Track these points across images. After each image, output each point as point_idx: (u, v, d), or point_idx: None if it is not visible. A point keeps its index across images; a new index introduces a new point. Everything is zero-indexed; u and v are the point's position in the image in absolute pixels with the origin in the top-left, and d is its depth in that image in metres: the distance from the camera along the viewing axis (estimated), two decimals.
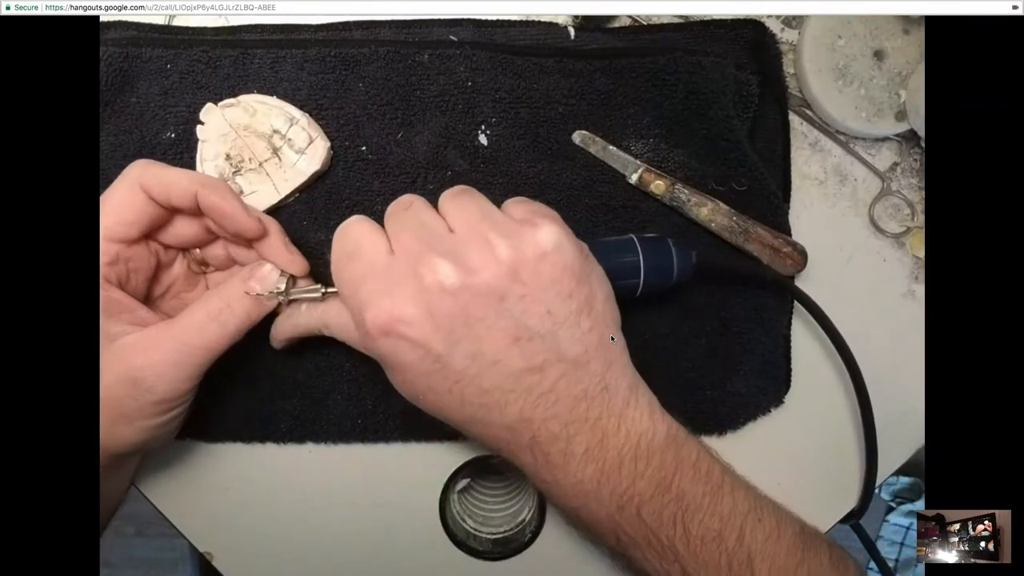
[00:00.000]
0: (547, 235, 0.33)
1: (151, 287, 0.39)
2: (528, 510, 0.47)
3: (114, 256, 0.35)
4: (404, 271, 0.32)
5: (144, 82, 0.42)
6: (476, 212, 0.34)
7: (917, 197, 0.47)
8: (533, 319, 0.32)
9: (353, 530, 0.45)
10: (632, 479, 0.33)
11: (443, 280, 0.32)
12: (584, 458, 0.33)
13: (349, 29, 0.44)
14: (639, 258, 0.39)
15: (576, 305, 0.33)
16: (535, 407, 0.33)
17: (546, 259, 0.33)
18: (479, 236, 0.33)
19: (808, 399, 0.46)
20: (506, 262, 0.32)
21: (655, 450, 0.34)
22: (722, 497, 0.35)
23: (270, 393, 0.43)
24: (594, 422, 0.33)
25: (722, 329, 0.45)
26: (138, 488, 0.44)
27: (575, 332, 0.33)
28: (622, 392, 0.34)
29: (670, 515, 0.34)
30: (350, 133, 0.43)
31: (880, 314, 0.46)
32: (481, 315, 0.32)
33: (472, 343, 0.32)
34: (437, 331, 0.32)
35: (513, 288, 0.32)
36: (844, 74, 0.45)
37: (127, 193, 0.35)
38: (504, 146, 0.43)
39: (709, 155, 0.44)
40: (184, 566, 1.26)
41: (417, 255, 0.32)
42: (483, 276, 0.32)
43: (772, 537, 0.35)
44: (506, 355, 0.32)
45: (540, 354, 0.33)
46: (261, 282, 0.37)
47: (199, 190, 0.35)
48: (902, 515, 1.30)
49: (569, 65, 0.43)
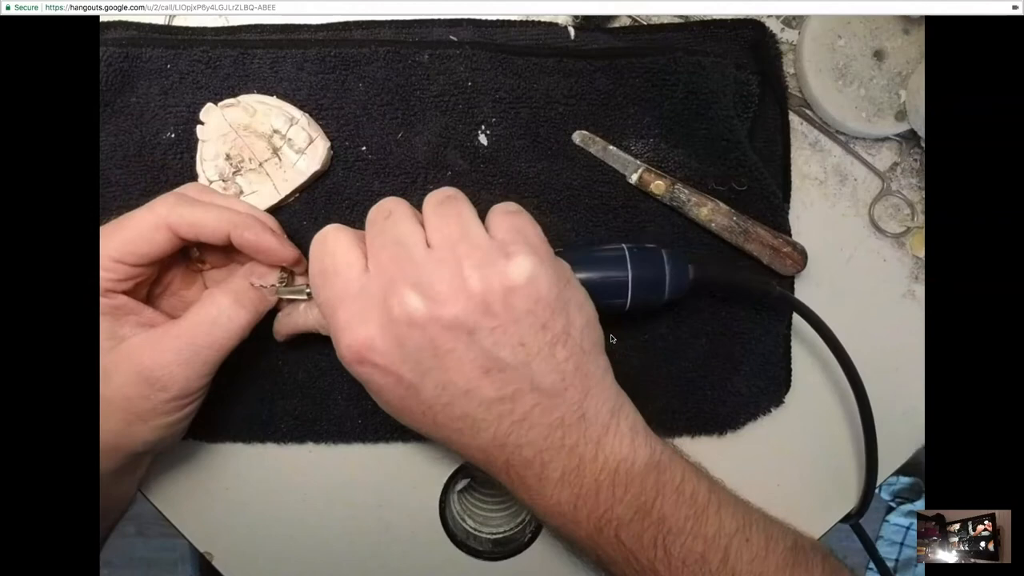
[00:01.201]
0: (520, 268, 0.32)
1: (151, 287, 0.39)
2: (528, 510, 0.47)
3: (122, 274, 0.35)
4: (376, 296, 0.32)
5: (144, 82, 0.42)
6: (456, 229, 0.33)
7: (917, 197, 0.46)
8: (504, 351, 0.32)
9: (353, 530, 0.45)
10: (610, 504, 0.33)
11: (411, 313, 0.32)
12: (560, 483, 0.34)
13: (349, 29, 0.44)
14: (627, 275, 0.37)
15: (551, 336, 0.33)
16: (508, 434, 0.33)
17: (517, 293, 0.32)
18: (453, 262, 0.32)
19: (808, 399, 0.46)
20: (477, 295, 0.32)
21: (634, 476, 0.34)
22: (707, 519, 0.34)
23: (270, 393, 0.43)
24: (570, 449, 0.33)
25: (722, 329, 0.45)
26: (138, 488, 0.44)
27: (550, 363, 0.33)
28: (602, 418, 0.34)
29: (650, 538, 0.33)
30: (350, 133, 0.43)
31: (880, 314, 0.46)
32: (451, 347, 0.32)
33: (441, 373, 0.32)
34: (405, 362, 0.32)
35: (483, 321, 0.32)
36: (844, 74, 0.45)
37: (149, 229, 0.35)
38: (504, 146, 0.43)
39: (709, 155, 0.44)
40: (184, 566, 1.27)
41: (389, 281, 0.32)
42: (451, 309, 0.32)
43: (759, 557, 0.34)
44: (476, 385, 0.32)
45: (511, 384, 0.33)
46: (264, 279, 0.38)
47: (232, 231, 0.35)
48: (902, 515, 1.30)
49: (569, 65, 0.43)
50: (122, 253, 0.34)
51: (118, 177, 0.42)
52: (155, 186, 0.42)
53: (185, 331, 0.35)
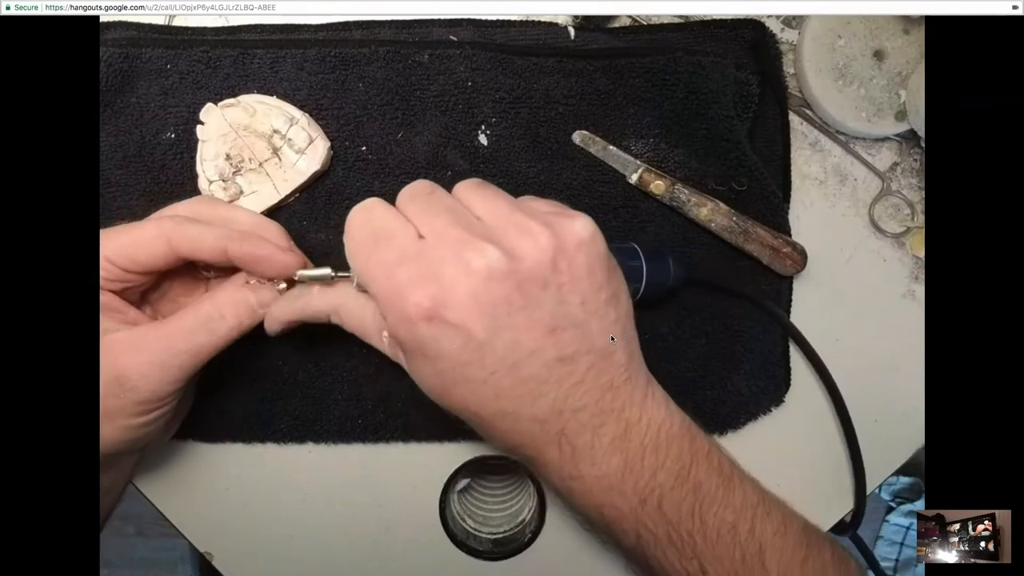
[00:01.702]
0: (584, 225, 0.33)
1: (148, 293, 0.39)
2: (528, 510, 0.47)
3: (115, 275, 0.35)
4: (444, 256, 0.31)
5: (144, 82, 0.42)
6: (504, 203, 0.33)
7: (917, 197, 0.46)
8: (570, 308, 0.32)
9: (353, 530, 0.45)
10: (653, 470, 0.33)
11: (492, 264, 0.31)
12: (610, 448, 0.33)
13: (349, 29, 0.44)
14: (642, 262, 0.39)
15: (606, 296, 0.33)
16: (566, 398, 0.33)
17: (583, 249, 0.32)
18: (517, 224, 0.32)
19: (808, 399, 0.46)
20: (548, 250, 0.32)
21: (673, 438, 0.34)
22: (733, 488, 0.35)
23: (270, 393, 0.43)
24: (618, 412, 0.33)
25: (722, 329, 0.45)
26: (138, 488, 0.44)
27: (604, 323, 0.33)
28: (642, 383, 0.35)
29: (688, 507, 0.34)
30: (350, 133, 0.43)
31: (880, 314, 0.46)
32: (523, 303, 0.31)
33: (512, 332, 0.32)
34: (481, 318, 0.31)
35: (553, 277, 0.32)
36: (844, 74, 0.45)
37: (150, 239, 0.34)
38: (504, 146, 0.43)
39: (709, 155, 0.44)
40: (184, 566, 1.27)
41: (458, 240, 0.31)
42: (527, 263, 0.31)
43: (780, 531, 0.35)
44: (542, 344, 0.32)
45: (573, 344, 0.32)
46: (257, 291, 0.36)
47: (228, 246, 0.35)
48: (902, 515, 1.30)
49: (569, 65, 0.43)
50: (116, 255, 0.34)
51: (118, 177, 0.42)
52: (155, 186, 0.42)
53: (164, 335, 0.34)
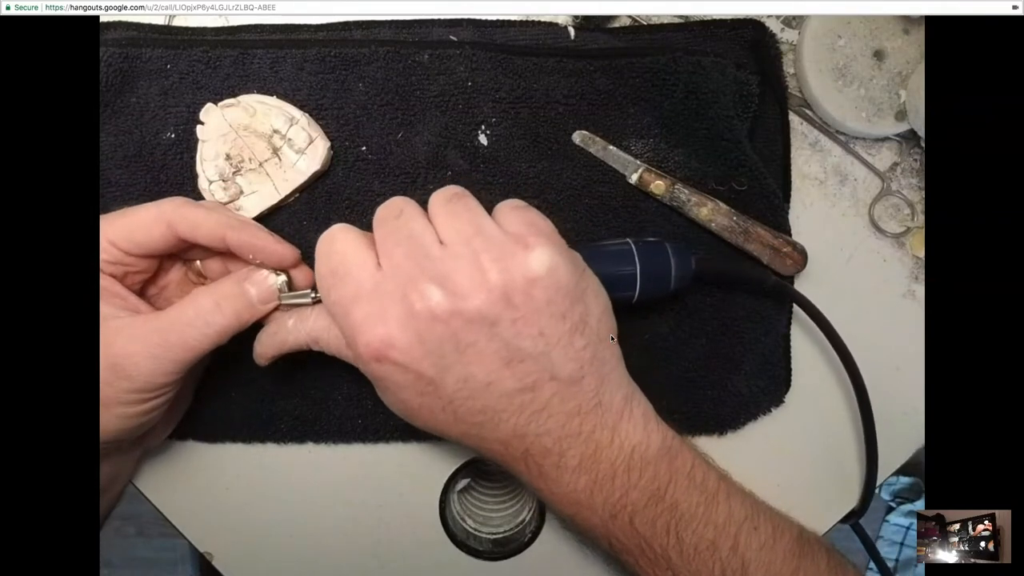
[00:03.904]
0: (539, 259, 0.32)
1: (146, 286, 0.39)
2: (528, 510, 0.47)
3: (116, 258, 0.35)
4: (393, 293, 0.32)
5: (144, 82, 0.42)
6: (468, 225, 0.33)
7: (917, 197, 0.46)
8: (525, 341, 0.32)
9: (353, 530, 0.45)
10: (625, 489, 0.34)
11: (433, 308, 0.31)
12: (577, 470, 0.34)
13: (349, 29, 0.44)
14: (635, 268, 0.38)
15: (570, 325, 0.33)
16: (528, 423, 0.33)
17: (538, 283, 0.32)
18: (470, 256, 0.32)
19: (808, 399, 0.46)
20: (498, 287, 0.32)
21: (648, 461, 0.34)
22: (717, 506, 0.35)
23: (270, 393, 0.43)
24: (587, 435, 0.34)
25: (722, 329, 0.44)
26: (138, 488, 0.44)
27: (568, 352, 0.33)
28: (616, 405, 0.34)
29: (663, 524, 0.34)
30: (350, 133, 0.43)
31: (880, 314, 0.46)
32: (472, 340, 0.32)
33: (463, 367, 0.32)
34: (427, 357, 0.32)
35: (505, 313, 0.32)
36: (844, 74, 0.45)
37: (151, 222, 0.35)
38: (504, 146, 0.43)
39: (709, 155, 0.44)
40: (184, 566, 1.27)
41: (407, 277, 0.32)
42: (473, 302, 0.31)
43: (767, 545, 0.35)
44: (498, 377, 0.32)
45: (532, 374, 0.33)
46: (258, 286, 0.36)
47: (227, 233, 0.35)
48: (902, 515, 1.30)
49: (569, 65, 0.43)
50: (117, 237, 0.35)
51: (118, 177, 0.42)
52: (155, 186, 0.42)
53: (161, 325, 0.34)
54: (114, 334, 0.34)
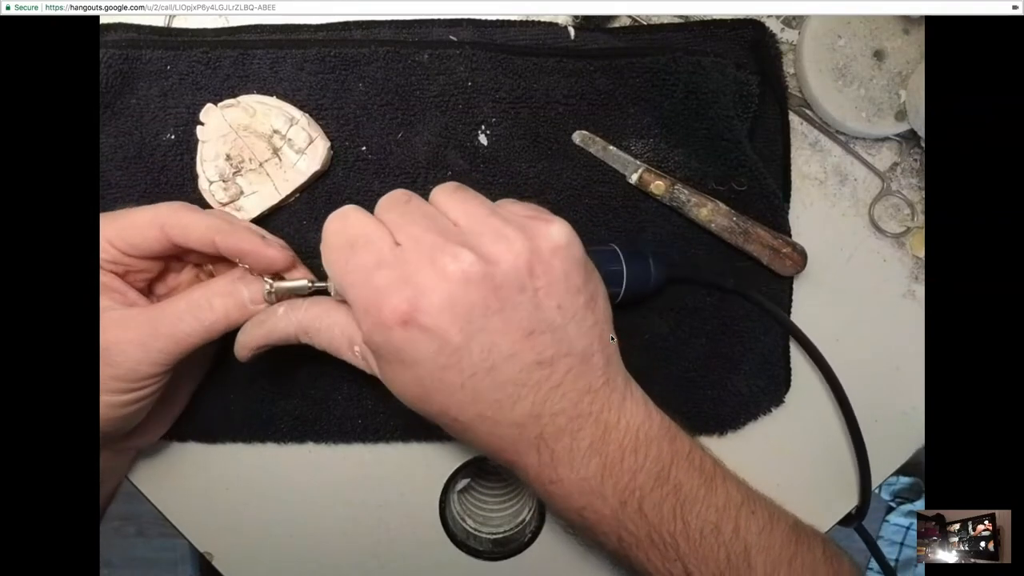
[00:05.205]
0: (559, 230, 0.33)
1: (155, 285, 0.39)
2: (528, 510, 0.47)
3: (114, 257, 0.35)
4: (420, 261, 0.31)
5: (144, 83, 0.42)
6: (480, 207, 0.33)
7: (917, 197, 0.46)
8: (548, 312, 0.32)
9: (353, 530, 0.45)
10: (633, 472, 0.34)
11: (467, 269, 0.31)
12: (589, 452, 0.33)
13: (349, 29, 0.44)
14: (623, 268, 0.40)
15: (584, 300, 0.33)
16: (544, 402, 0.33)
17: (559, 254, 0.33)
18: (492, 229, 0.32)
19: (809, 398, 0.46)
20: (523, 254, 0.32)
21: (652, 440, 0.34)
22: (716, 488, 0.35)
23: (270, 393, 0.43)
24: (597, 416, 0.34)
25: (722, 329, 0.45)
26: (138, 488, 0.44)
27: (582, 326, 0.33)
28: (620, 385, 0.35)
29: (670, 508, 0.34)
30: (350, 133, 0.43)
31: (880, 314, 0.46)
32: (499, 306, 0.32)
33: (489, 335, 0.32)
34: (456, 321, 0.31)
35: (529, 282, 0.32)
36: (844, 74, 0.45)
37: (145, 226, 0.35)
38: (504, 146, 0.43)
39: (709, 155, 0.44)
40: (184, 566, 1.27)
41: (433, 245, 0.32)
42: (503, 267, 0.31)
43: (766, 529, 0.35)
44: (520, 348, 0.32)
45: (551, 347, 0.33)
46: (251, 286, 0.36)
47: (215, 238, 0.35)
48: (902, 515, 1.30)
49: (569, 65, 0.43)
50: (114, 237, 0.35)
51: (118, 179, 0.42)
52: (155, 187, 0.42)
53: (151, 317, 0.34)
54: (108, 323, 0.34)
